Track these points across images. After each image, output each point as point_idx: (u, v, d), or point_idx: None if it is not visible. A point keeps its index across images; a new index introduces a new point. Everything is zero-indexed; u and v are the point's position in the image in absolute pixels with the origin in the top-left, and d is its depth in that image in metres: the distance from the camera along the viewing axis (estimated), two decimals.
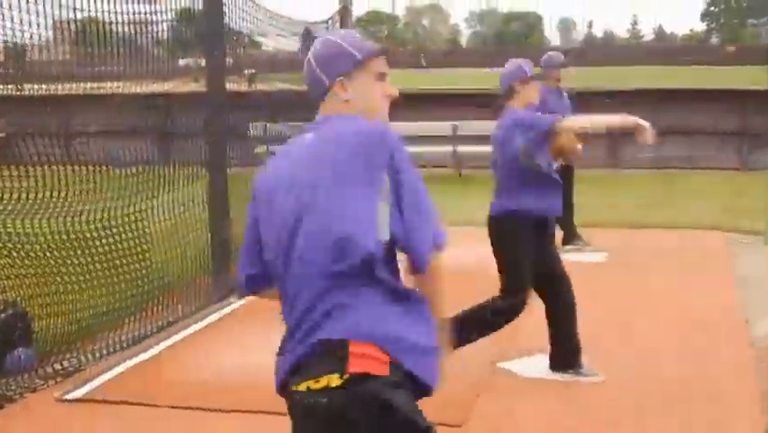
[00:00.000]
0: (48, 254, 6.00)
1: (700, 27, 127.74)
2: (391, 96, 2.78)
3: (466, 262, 9.04)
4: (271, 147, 10.57)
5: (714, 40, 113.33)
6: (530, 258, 5.60)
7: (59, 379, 5.66)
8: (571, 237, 9.54)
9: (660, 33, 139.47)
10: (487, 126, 17.06)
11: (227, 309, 7.52)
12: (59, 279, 5.98)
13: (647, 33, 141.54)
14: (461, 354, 6.07)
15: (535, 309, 7.34)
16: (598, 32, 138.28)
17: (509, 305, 5.59)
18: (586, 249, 9.38)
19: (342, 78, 2.69)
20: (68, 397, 5.44)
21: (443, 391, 5.51)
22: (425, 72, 61.14)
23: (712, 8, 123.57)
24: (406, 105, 19.43)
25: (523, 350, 6.23)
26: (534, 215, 5.63)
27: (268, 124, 10.08)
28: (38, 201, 5.82)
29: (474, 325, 5.65)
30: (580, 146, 6.26)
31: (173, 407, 5.23)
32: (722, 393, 5.43)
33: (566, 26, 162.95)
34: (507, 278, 5.65)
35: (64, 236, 6.13)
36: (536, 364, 5.93)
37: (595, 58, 72.54)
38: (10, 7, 5.53)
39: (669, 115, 16.38)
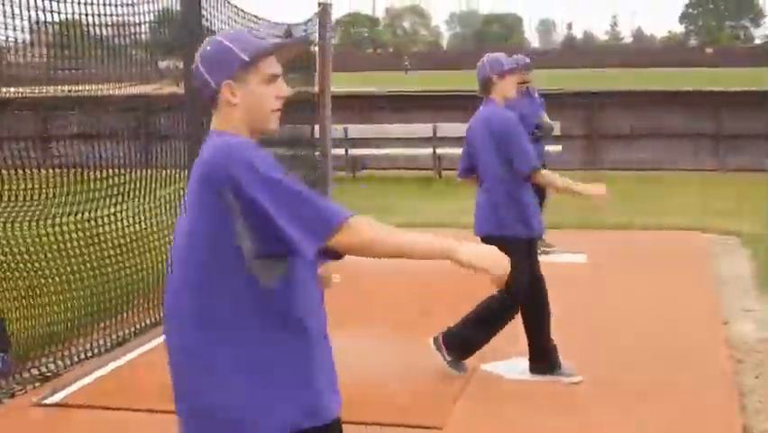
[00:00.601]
0: (25, 257, 5.96)
1: (679, 29, 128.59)
2: (284, 98, 2.62)
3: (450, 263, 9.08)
4: None
5: (692, 42, 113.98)
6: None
7: (36, 384, 5.62)
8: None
9: (638, 35, 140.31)
10: (465, 128, 17.09)
11: None
12: (35, 282, 5.94)
13: (626, 35, 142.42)
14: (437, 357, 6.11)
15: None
16: (578, 34, 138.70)
17: (511, 301, 5.60)
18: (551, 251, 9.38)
19: (229, 81, 2.54)
20: (47, 402, 5.40)
21: (423, 394, 5.56)
22: (408, 74, 61.29)
23: (691, 10, 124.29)
24: (388, 107, 19.53)
25: (504, 352, 6.23)
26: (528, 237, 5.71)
27: None
28: (12, 204, 5.78)
29: (481, 327, 5.68)
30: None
31: (151, 411, 5.20)
32: (700, 393, 5.46)
33: (546, 27, 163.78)
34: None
35: (44, 239, 6.09)
36: (517, 366, 5.93)
37: (574, 59, 73.03)
38: None
39: (647, 117, 16.51)
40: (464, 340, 5.79)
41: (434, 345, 5.80)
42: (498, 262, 2.59)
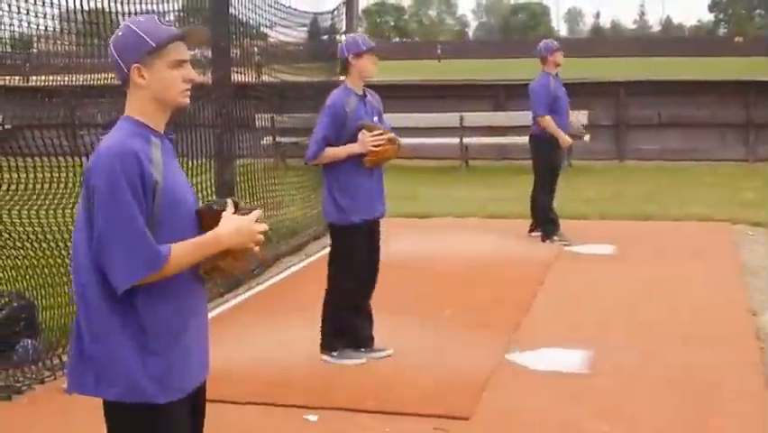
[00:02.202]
0: (53, 245, 6.01)
1: (708, 18, 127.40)
2: (191, 80, 2.80)
3: (478, 250, 9.08)
4: (279, 138, 10.61)
5: (721, 31, 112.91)
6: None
7: (65, 370, 5.67)
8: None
9: (667, 24, 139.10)
10: (491, 118, 17.08)
11: (233, 301, 7.57)
12: (63, 270, 5.98)
13: (654, 24, 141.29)
14: (466, 348, 6.12)
15: (540, 304, 7.37)
16: (605, 23, 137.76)
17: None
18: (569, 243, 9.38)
19: (137, 64, 2.72)
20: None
21: (451, 385, 5.56)
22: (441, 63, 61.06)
23: None
24: (415, 96, 19.47)
25: (529, 344, 6.23)
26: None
27: (275, 116, 10.07)
28: (43, 193, 5.83)
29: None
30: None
31: None
32: (728, 382, 5.44)
33: (573, 17, 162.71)
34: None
35: (70, 227, 6.13)
36: (543, 357, 5.94)
37: (602, 49, 72.47)
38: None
39: (675, 106, 16.35)
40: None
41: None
42: (244, 232, 2.77)
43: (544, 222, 9.56)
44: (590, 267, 8.52)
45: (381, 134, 5.72)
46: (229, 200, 2.85)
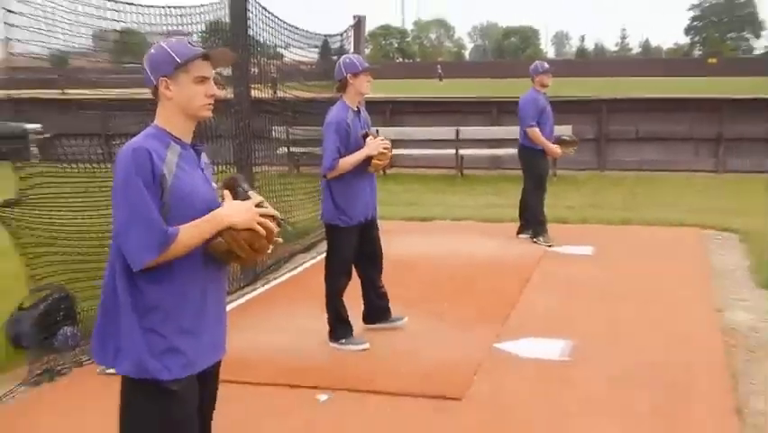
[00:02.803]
0: (90, 242, 6.09)
1: (684, 41, 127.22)
2: (213, 95, 2.91)
3: (473, 251, 9.16)
4: (293, 148, 10.69)
5: (696, 53, 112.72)
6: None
7: (91, 344, 5.74)
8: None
9: (646, 47, 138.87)
10: (484, 132, 17.16)
11: (253, 294, 7.67)
12: (99, 264, 6.06)
13: (635, 47, 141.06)
14: (460, 336, 6.21)
15: (527, 299, 7.45)
16: (589, 45, 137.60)
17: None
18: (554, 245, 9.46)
19: (165, 78, 2.85)
20: (109, 371, 5.53)
21: (445, 369, 5.65)
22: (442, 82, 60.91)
23: (695, 23, 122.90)
24: (417, 111, 19.51)
25: (516, 334, 6.31)
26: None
27: (289, 128, 10.15)
28: (80, 195, 5.91)
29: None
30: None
31: None
32: (694, 374, 5.50)
33: (560, 40, 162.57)
34: None
35: (104, 225, 6.22)
36: (527, 346, 6.02)
37: (587, 69, 72.41)
38: (51, 16, 5.59)
39: (652, 121, 16.45)
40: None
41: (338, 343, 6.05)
42: (241, 211, 2.84)
43: (534, 223, 9.65)
44: (572, 266, 8.60)
45: (383, 141, 5.89)
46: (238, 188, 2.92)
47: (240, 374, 5.27)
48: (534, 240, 9.56)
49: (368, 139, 5.83)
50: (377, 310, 6.35)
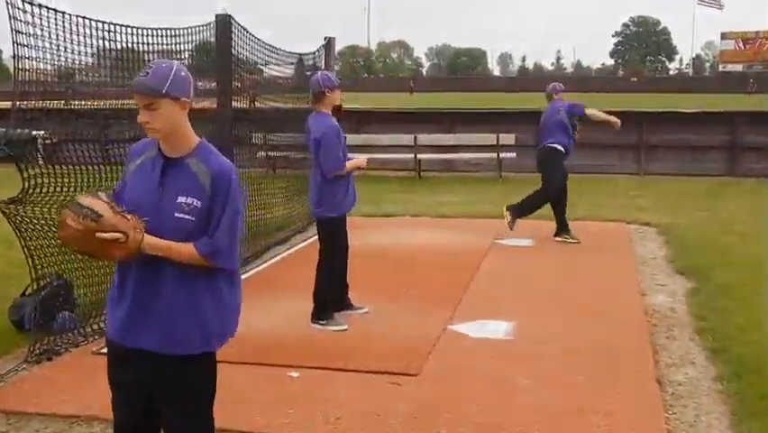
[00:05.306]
0: None
1: (610, 62, 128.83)
2: (143, 122, 2.69)
3: (429, 243, 9.09)
4: (270, 153, 10.54)
5: (620, 73, 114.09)
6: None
7: (96, 337, 5.60)
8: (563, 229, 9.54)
9: (578, 66, 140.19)
10: (440, 138, 17.09)
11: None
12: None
13: (568, 66, 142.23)
14: (417, 319, 6.11)
15: (477, 284, 7.39)
16: (530, 65, 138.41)
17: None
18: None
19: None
20: (103, 351, 5.37)
21: (404, 348, 5.55)
22: (413, 95, 60.75)
23: (619, 47, 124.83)
24: (380, 120, 19.33)
25: (467, 316, 6.24)
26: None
27: (267, 135, 10.01)
28: (78, 193, 5.73)
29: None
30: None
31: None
32: (621, 349, 5.48)
33: (504, 60, 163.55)
34: None
35: None
36: (477, 327, 5.95)
37: (529, 84, 72.76)
38: (57, 37, 5.45)
39: (583, 131, 16.47)
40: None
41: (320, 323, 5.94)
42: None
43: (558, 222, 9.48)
44: (515, 256, 8.56)
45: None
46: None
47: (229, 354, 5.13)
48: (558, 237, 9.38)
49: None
50: (341, 299, 6.19)
